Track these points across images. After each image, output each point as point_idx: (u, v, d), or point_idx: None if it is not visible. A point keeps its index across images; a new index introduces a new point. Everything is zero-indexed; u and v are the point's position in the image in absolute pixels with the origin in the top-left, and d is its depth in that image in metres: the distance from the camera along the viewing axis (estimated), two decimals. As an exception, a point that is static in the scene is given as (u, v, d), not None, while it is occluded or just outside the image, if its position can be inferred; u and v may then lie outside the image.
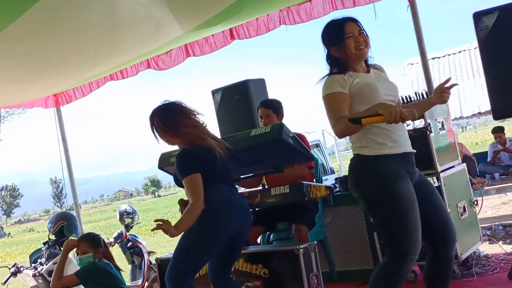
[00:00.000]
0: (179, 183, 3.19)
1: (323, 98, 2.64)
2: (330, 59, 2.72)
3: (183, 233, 3.10)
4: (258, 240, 4.25)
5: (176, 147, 3.35)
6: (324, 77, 2.68)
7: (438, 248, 2.72)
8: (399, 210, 2.51)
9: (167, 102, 3.27)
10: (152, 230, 3.03)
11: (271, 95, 4.85)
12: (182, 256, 3.09)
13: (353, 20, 2.69)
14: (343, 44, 2.64)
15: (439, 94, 2.65)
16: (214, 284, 3.28)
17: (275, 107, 4.16)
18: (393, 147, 2.59)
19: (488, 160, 8.53)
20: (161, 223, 2.94)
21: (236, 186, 3.51)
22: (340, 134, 2.57)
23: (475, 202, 4.31)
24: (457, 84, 2.81)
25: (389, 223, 2.56)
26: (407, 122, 2.68)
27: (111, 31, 4.15)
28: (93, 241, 4.10)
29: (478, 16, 3.44)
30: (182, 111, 3.21)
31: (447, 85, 2.66)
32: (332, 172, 10.47)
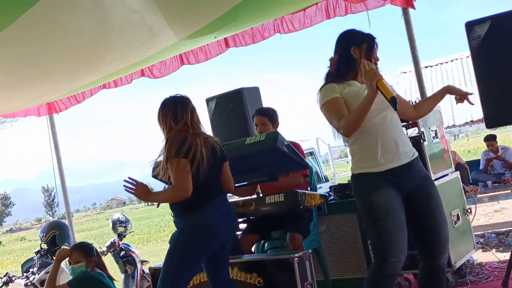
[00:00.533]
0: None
1: (321, 109, 2.77)
2: (346, 56, 2.79)
3: (172, 245, 3.10)
4: (253, 249, 4.24)
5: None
6: (320, 89, 2.80)
7: (429, 256, 2.77)
8: (374, 219, 2.67)
9: (184, 96, 3.25)
10: (124, 184, 3.04)
11: (265, 104, 4.86)
12: (173, 267, 3.08)
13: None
14: (373, 51, 2.78)
15: (457, 96, 2.90)
16: None
17: (270, 115, 4.17)
18: (375, 166, 2.70)
19: (480, 168, 8.58)
20: (134, 183, 3.03)
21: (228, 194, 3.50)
22: (347, 132, 2.66)
23: (469, 210, 4.32)
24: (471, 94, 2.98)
25: (369, 232, 2.76)
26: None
27: (104, 36, 4.15)
28: (85, 250, 4.07)
29: (470, 26, 3.48)
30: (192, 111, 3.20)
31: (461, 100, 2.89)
32: (326, 180, 10.48)
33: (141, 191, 3.04)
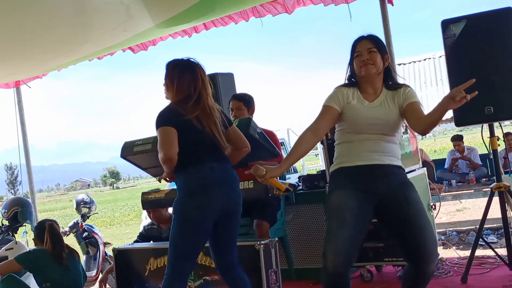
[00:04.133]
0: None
1: None
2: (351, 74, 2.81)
3: (173, 211, 3.03)
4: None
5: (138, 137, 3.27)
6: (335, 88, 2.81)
7: (416, 264, 2.66)
8: (327, 218, 2.68)
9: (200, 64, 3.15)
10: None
11: (238, 91, 4.84)
12: (174, 246, 2.97)
13: (368, 38, 2.73)
14: (352, 64, 2.75)
15: (457, 97, 2.38)
16: (220, 274, 3.15)
17: (246, 101, 4.17)
18: (346, 162, 2.72)
19: (446, 167, 8.73)
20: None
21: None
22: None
23: (433, 206, 4.41)
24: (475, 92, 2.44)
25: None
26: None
27: (80, 15, 4.06)
28: (34, 231, 4.05)
29: (446, 24, 3.53)
30: (204, 79, 3.11)
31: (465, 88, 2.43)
32: (295, 171, 10.55)
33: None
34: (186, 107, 3.01)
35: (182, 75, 3.07)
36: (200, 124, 3.01)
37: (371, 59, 2.68)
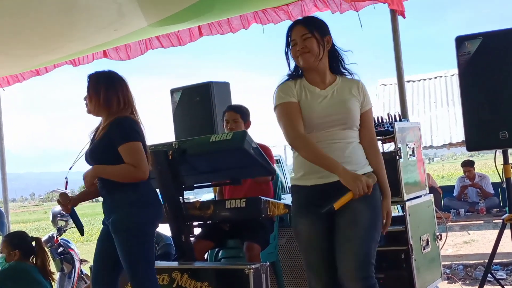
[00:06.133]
0: (93, 159, 3.24)
1: (274, 110, 2.75)
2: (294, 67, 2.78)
3: (124, 228, 3.08)
4: (206, 256, 4.21)
5: None
6: (279, 85, 2.76)
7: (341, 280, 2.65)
8: (299, 246, 2.80)
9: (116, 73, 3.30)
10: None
11: (233, 102, 4.84)
12: (139, 250, 3.09)
13: (301, 23, 2.71)
14: (290, 54, 2.72)
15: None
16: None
17: (244, 113, 4.17)
18: (302, 177, 2.73)
19: (454, 194, 8.72)
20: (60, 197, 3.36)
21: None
22: (293, 147, 2.71)
23: (439, 237, 4.39)
24: None
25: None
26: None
27: (68, 10, 4.06)
28: (11, 241, 3.99)
29: (460, 41, 3.54)
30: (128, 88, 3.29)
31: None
32: (290, 192, 10.49)
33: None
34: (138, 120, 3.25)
35: (126, 88, 3.25)
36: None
37: (306, 47, 2.64)
